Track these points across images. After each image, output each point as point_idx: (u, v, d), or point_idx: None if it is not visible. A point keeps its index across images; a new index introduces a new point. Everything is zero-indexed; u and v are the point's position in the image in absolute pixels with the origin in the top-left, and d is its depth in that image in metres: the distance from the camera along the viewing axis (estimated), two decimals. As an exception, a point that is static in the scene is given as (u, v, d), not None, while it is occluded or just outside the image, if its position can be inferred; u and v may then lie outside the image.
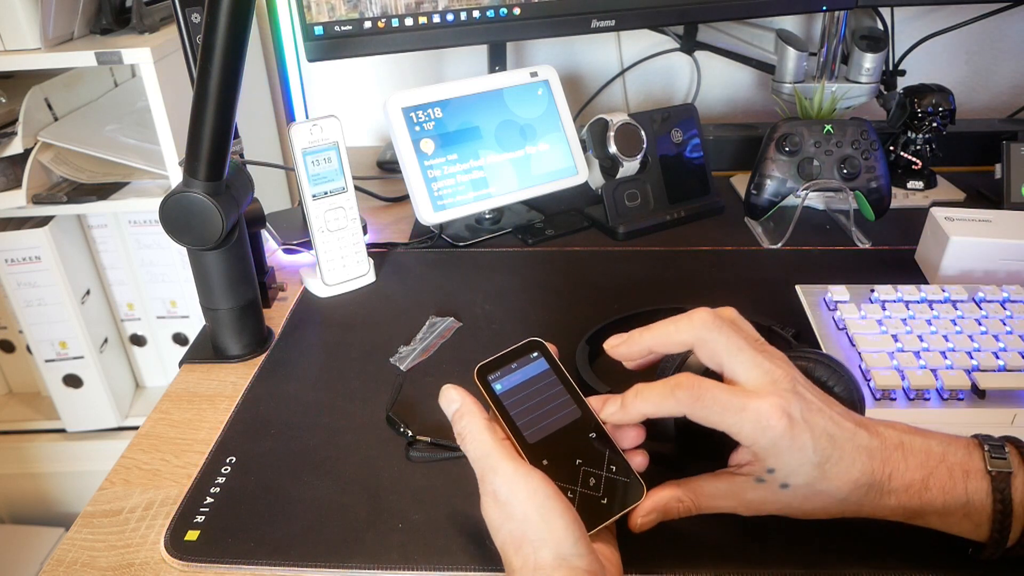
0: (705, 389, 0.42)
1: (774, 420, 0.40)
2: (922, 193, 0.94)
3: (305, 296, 0.77)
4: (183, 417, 0.61)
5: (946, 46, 1.11)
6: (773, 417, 0.40)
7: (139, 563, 0.48)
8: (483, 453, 0.42)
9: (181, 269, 1.08)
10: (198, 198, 0.59)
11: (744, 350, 0.43)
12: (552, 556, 0.39)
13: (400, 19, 0.83)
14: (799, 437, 0.41)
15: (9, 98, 0.97)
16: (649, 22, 0.95)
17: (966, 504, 0.42)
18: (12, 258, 1.00)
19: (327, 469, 0.54)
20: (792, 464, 0.41)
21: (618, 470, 0.45)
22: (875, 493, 0.42)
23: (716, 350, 0.43)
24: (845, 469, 0.41)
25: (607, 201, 0.86)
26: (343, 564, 0.47)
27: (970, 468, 0.42)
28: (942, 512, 0.42)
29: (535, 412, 0.47)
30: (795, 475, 0.42)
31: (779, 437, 0.40)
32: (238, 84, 0.56)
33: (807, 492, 0.42)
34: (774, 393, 0.41)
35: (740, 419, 0.41)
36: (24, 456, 1.15)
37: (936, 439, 0.44)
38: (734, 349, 0.43)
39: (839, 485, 0.42)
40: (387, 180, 1.06)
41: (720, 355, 0.43)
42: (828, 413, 0.42)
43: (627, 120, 0.85)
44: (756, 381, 0.42)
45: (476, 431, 0.43)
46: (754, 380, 0.42)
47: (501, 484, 0.41)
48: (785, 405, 0.40)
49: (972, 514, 0.42)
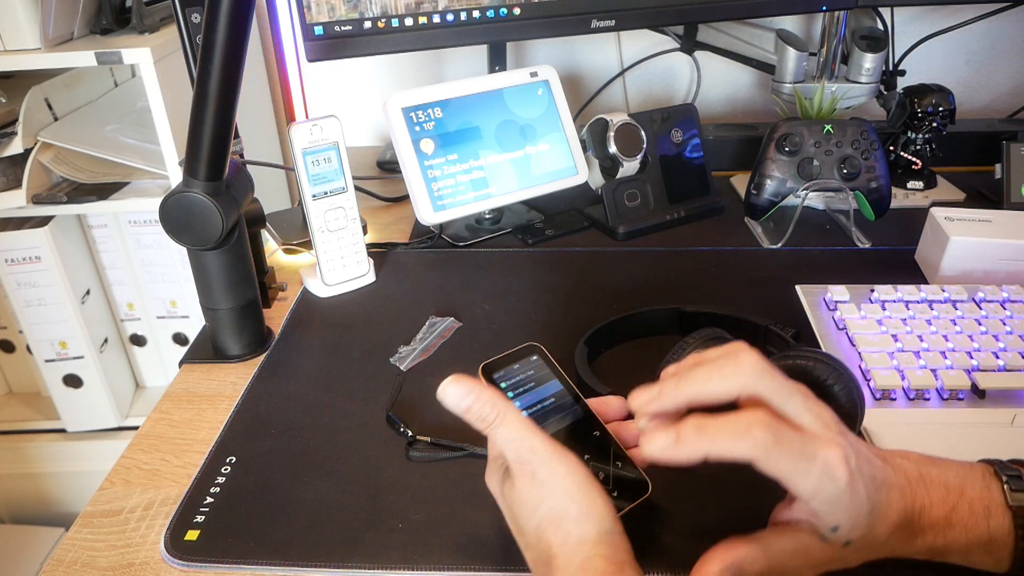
0: (783, 431, 0.37)
1: (839, 472, 0.37)
2: (922, 193, 0.94)
3: (305, 296, 0.77)
4: (183, 417, 0.61)
5: (946, 46, 1.11)
6: (839, 468, 0.37)
7: (139, 563, 0.48)
8: (519, 434, 0.42)
9: (181, 269, 1.08)
10: (198, 198, 0.59)
11: (794, 393, 0.39)
12: (596, 531, 0.39)
13: (400, 19, 0.83)
14: (857, 489, 0.38)
15: (9, 98, 0.97)
16: (649, 22, 0.95)
17: (988, 542, 0.41)
18: (12, 258, 1.00)
19: (327, 469, 0.54)
20: (852, 519, 0.39)
21: (623, 466, 0.46)
22: (907, 533, 0.41)
23: (770, 398, 0.39)
24: (885, 512, 0.39)
25: (607, 201, 0.86)
26: (343, 564, 0.47)
27: (990, 503, 0.41)
28: (964, 551, 0.41)
29: (539, 410, 0.48)
30: (855, 529, 0.39)
31: (842, 491, 0.37)
32: (238, 84, 0.56)
33: (862, 545, 0.40)
34: (833, 441, 0.38)
35: (808, 468, 0.37)
36: (24, 456, 1.15)
37: (951, 469, 0.43)
38: (785, 394, 0.39)
39: (882, 530, 0.40)
40: (387, 180, 1.06)
41: (773, 403, 0.39)
42: (865, 454, 0.40)
43: (627, 120, 0.85)
44: (811, 426, 0.38)
45: (510, 414, 0.42)
46: (808, 425, 0.38)
47: (540, 463, 0.41)
48: (846, 455, 0.37)
49: (993, 551, 0.41)
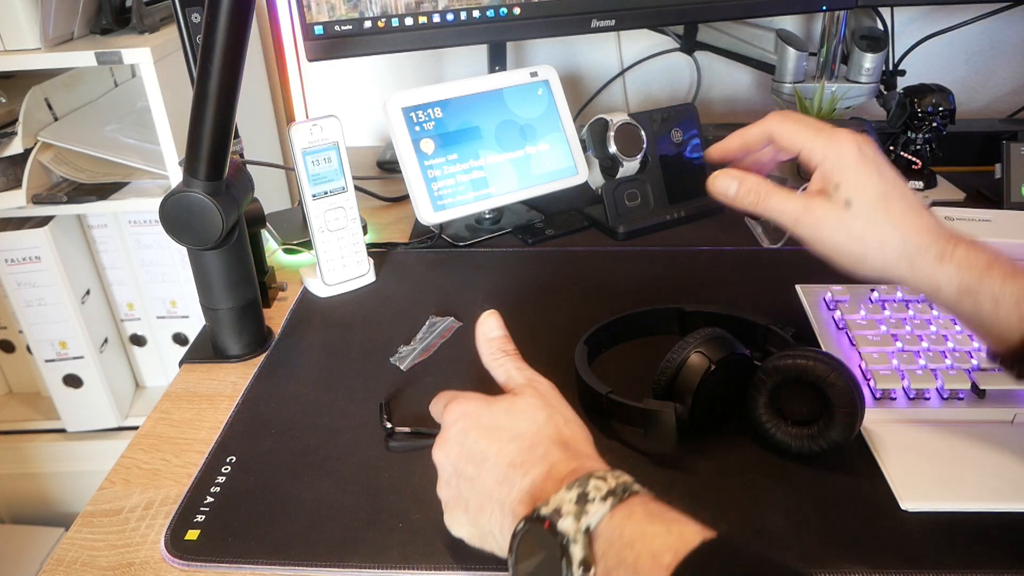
0: (790, 114, 0.51)
1: (847, 143, 0.47)
2: (922, 193, 0.94)
3: (305, 296, 0.77)
4: (183, 417, 0.61)
5: (946, 46, 1.11)
6: (846, 141, 0.47)
7: (139, 563, 0.48)
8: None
9: (181, 269, 1.08)
10: (198, 198, 0.59)
11: (821, 130, 0.49)
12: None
13: (400, 19, 0.83)
14: (867, 164, 0.46)
15: (9, 98, 0.97)
16: (649, 22, 0.95)
17: (1020, 295, 0.44)
18: (12, 258, 1.00)
19: (327, 469, 0.54)
20: (858, 181, 0.46)
21: None
22: (934, 254, 0.45)
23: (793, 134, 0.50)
24: (910, 211, 0.46)
25: (607, 201, 0.86)
26: (343, 564, 0.47)
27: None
28: (997, 297, 0.44)
29: None
30: (860, 192, 0.46)
31: (848, 155, 0.47)
32: (238, 84, 0.56)
33: (868, 216, 0.46)
34: (850, 135, 0.48)
35: (816, 135, 0.48)
36: (24, 456, 1.15)
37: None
38: (811, 132, 0.49)
39: (901, 222, 0.46)
40: (387, 180, 1.06)
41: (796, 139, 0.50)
42: (903, 181, 0.47)
43: (627, 120, 0.85)
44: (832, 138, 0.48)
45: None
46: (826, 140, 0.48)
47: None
48: (859, 142, 0.47)
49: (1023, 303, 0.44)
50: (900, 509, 0.49)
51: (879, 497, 0.50)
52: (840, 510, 0.49)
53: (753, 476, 0.52)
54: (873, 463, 0.53)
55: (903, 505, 0.49)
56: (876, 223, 0.46)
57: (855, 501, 0.50)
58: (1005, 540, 0.47)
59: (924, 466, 0.52)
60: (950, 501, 0.49)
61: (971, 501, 0.49)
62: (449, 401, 0.46)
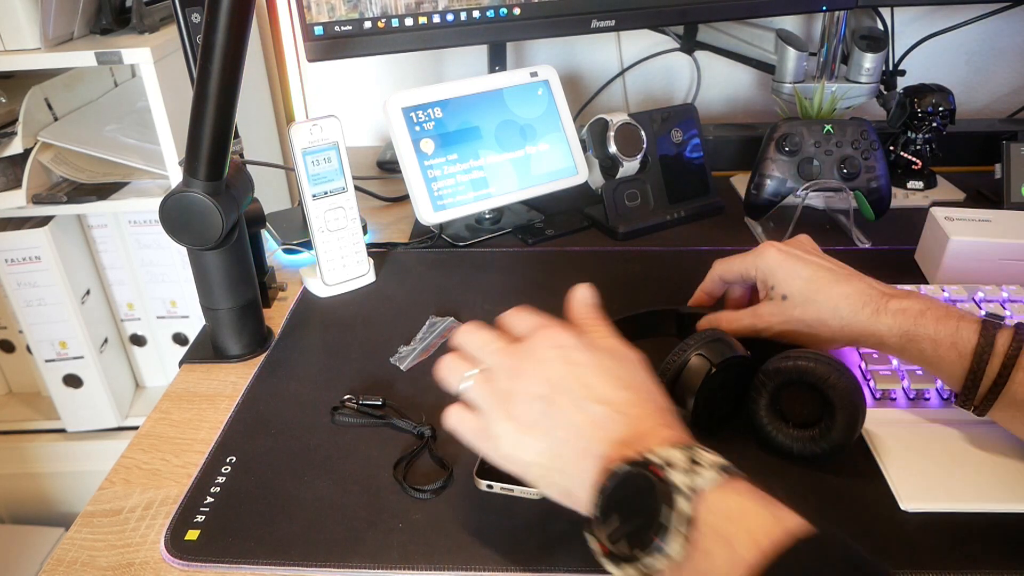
0: (726, 258, 0.62)
1: (768, 250, 0.57)
2: (922, 193, 0.94)
3: (305, 296, 0.77)
4: (183, 417, 0.61)
5: (946, 46, 1.11)
6: (768, 249, 0.57)
7: (139, 563, 0.48)
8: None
9: (181, 269, 1.08)
10: (198, 198, 0.59)
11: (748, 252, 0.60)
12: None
13: (400, 19, 0.83)
14: (789, 260, 0.56)
15: (9, 98, 0.97)
16: (649, 22, 0.95)
17: (955, 334, 0.49)
18: (12, 258, 1.00)
19: (327, 469, 0.54)
20: (784, 276, 0.55)
21: None
22: (870, 311, 0.51)
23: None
24: (838, 283, 0.53)
25: (607, 201, 0.86)
26: (343, 564, 0.47)
27: (964, 316, 0.50)
28: (934, 339, 0.49)
29: None
30: (788, 285, 0.55)
31: (771, 260, 0.57)
32: (238, 84, 0.56)
33: (803, 302, 0.54)
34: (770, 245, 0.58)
35: (744, 258, 0.59)
36: (24, 456, 1.15)
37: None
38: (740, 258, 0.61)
39: (831, 296, 0.53)
40: (387, 180, 1.06)
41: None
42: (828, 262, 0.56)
43: (627, 120, 0.85)
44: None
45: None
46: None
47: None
48: (779, 246, 0.57)
49: (959, 343, 0.49)
50: (900, 509, 0.49)
51: (879, 497, 0.50)
52: (840, 511, 0.49)
53: (752, 477, 0.52)
54: (873, 463, 0.53)
55: (903, 505, 0.49)
56: (810, 304, 0.54)
57: (855, 502, 0.50)
58: (1005, 540, 0.47)
59: (924, 466, 0.52)
60: (950, 501, 0.49)
61: (971, 501, 0.49)
62: (543, 321, 0.45)
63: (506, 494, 0.51)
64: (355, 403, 0.59)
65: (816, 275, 0.54)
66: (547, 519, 0.49)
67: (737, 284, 0.62)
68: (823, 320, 0.53)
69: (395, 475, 0.53)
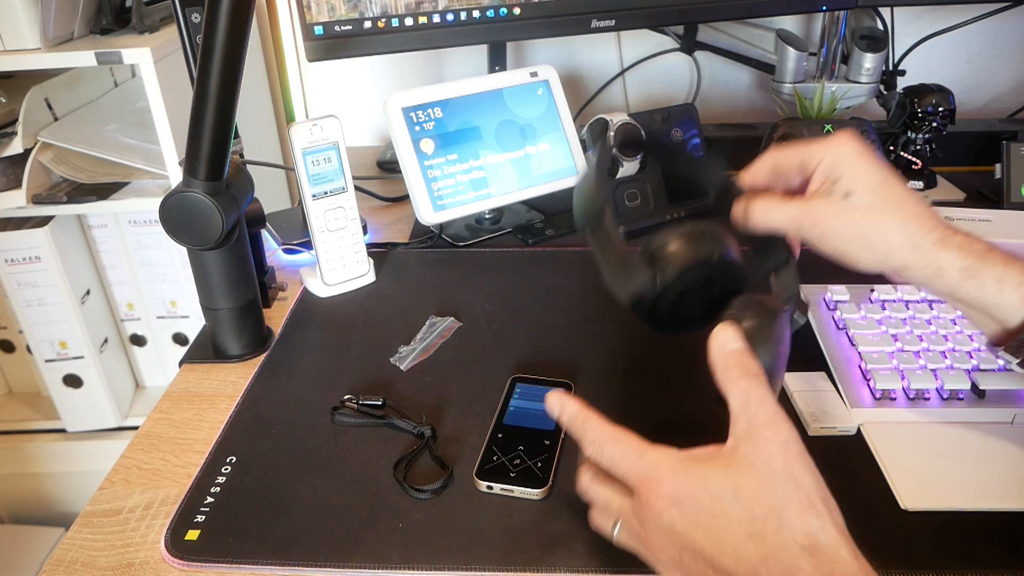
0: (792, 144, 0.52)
1: (845, 139, 0.48)
2: (922, 193, 0.94)
3: (305, 296, 0.77)
4: (183, 417, 0.61)
5: (946, 46, 1.11)
6: (844, 137, 0.48)
7: (139, 563, 0.48)
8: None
9: (181, 269, 1.08)
10: (198, 198, 0.59)
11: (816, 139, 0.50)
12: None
13: (400, 19, 0.83)
14: (865, 156, 0.48)
15: (9, 98, 0.97)
16: (649, 22, 0.95)
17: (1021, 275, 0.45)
18: (12, 258, 1.00)
19: (327, 469, 0.54)
20: (857, 172, 0.47)
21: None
22: (935, 239, 0.46)
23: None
24: (909, 198, 0.47)
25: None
26: (343, 564, 0.47)
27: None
28: (1000, 279, 0.45)
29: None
30: (859, 182, 0.47)
31: (846, 149, 0.48)
32: (238, 84, 0.56)
33: (869, 204, 0.47)
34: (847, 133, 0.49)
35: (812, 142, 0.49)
36: (24, 456, 1.15)
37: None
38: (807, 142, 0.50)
39: (901, 208, 0.46)
40: (387, 180, 1.06)
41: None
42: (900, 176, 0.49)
43: (627, 120, 0.85)
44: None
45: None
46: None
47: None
48: (857, 138, 0.49)
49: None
50: (900, 509, 0.49)
51: (879, 497, 0.50)
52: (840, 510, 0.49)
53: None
54: (873, 463, 0.53)
55: (903, 505, 0.49)
56: (877, 210, 0.47)
57: (855, 501, 0.50)
58: (1005, 540, 0.47)
59: (924, 466, 0.52)
60: (950, 501, 0.49)
61: (971, 501, 0.49)
62: (645, 472, 0.40)
63: (506, 494, 0.51)
64: (355, 403, 0.59)
65: (892, 180, 0.47)
66: (547, 519, 0.49)
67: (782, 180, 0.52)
68: (885, 231, 0.46)
69: (395, 475, 0.53)
